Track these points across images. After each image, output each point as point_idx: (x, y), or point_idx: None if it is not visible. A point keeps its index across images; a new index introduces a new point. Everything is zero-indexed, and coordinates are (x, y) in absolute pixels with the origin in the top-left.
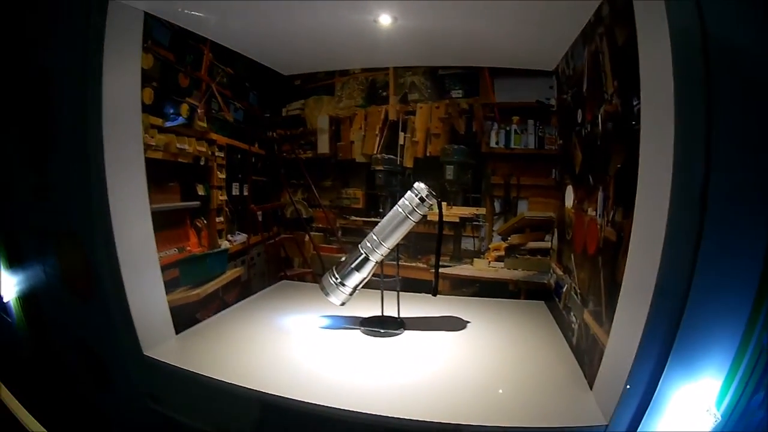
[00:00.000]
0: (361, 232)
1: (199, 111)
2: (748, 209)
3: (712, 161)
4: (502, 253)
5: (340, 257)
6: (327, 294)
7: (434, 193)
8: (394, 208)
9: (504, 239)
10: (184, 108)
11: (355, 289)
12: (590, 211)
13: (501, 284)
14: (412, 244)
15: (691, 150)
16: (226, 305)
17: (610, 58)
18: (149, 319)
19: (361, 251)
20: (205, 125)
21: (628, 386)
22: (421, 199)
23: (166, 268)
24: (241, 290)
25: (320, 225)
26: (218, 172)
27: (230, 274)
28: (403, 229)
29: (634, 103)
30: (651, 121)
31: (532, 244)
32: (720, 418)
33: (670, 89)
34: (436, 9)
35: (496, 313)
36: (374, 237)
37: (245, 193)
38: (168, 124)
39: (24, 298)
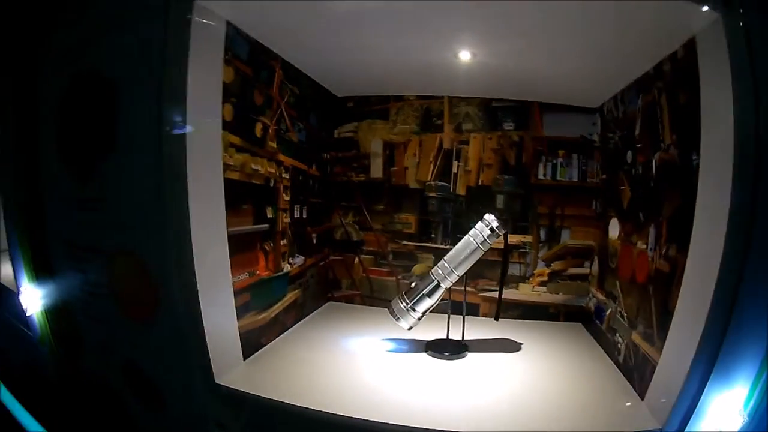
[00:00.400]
0: (412, 257)
1: (270, 130)
2: None
3: (757, 219)
4: (546, 278)
5: (389, 280)
6: (397, 318)
7: (503, 225)
8: (465, 237)
9: (547, 265)
10: (258, 127)
11: (423, 314)
12: (640, 244)
13: (542, 307)
14: None
15: (742, 202)
16: (285, 328)
17: (669, 113)
18: (221, 345)
19: (433, 278)
20: (275, 145)
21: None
22: (492, 230)
23: (238, 293)
24: (297, 313)
25: (371, 248)
26: (284, 194)
27: (289, 297)
28: (474, 257)
29: (693, 158)
30: (709, 178)
31: (572, 270)
32: (747, 418)
33: (729, 154)
34: (515, 48)
35: (542, 334)
36: (446, 265)
37: (304, 216)
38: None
39: (53, 313)
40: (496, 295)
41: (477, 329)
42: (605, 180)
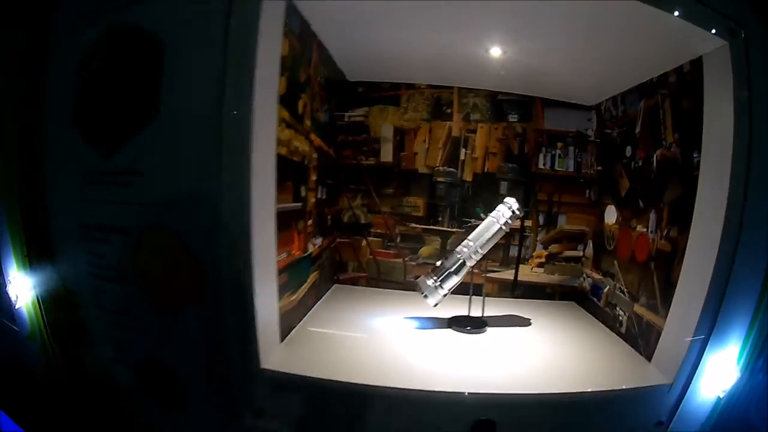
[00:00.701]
0: (419, 239)
1: (308, 109)
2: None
3: (747, 206)
4: (543, 260)
5: (397, 262)
6: (426, 296)
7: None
8: (488, 219)
9: (545, 248)
10: (300, 103)
11: (449, 290)
12: (639, 228)
13: (540, 287)
14: None
15: (737, 194)
16: (308, 310)
17: (672, 116)
18: (264, 330)
19: (459, 257)
20: (309, 124)
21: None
22: (513, 212)
23: (279, 273)
24: (315, 294)
25: (378, 231)
26: (312, 174)
27: (311, 279)
28: (497, 237)
29: (694, 156)
30: (709, 174)
31: (567, 253)
32: (739, 374)
33: (728, 154)
34: (538, 47)
35: (544, 311)
36: (471, 243)
37: (324, 197)
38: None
39: (49, 305)
40: (498, 276)
41: (486, 307)
42: (601, 171)
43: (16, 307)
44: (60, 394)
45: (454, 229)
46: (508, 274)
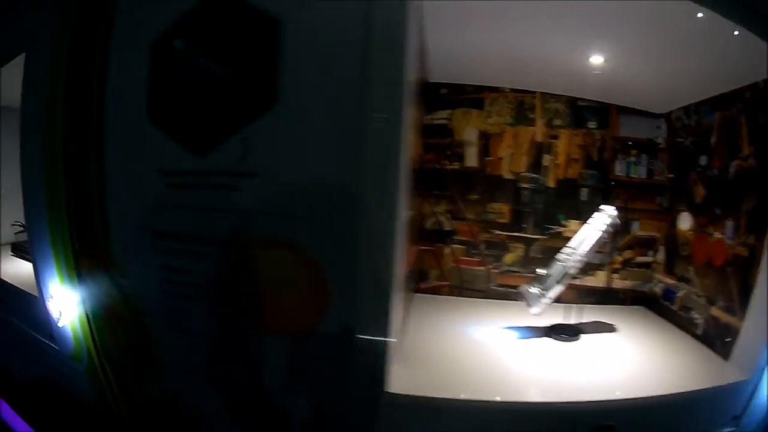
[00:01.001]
0: (503, 246)
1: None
2: None
3: None
4: (619, 266)
5: (480, 271)
6: (530, 305)
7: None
8: (587, 227)
9: (620, 254)
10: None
11: (552, 299)
12: (716, 234)
13: (613, 293)
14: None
15: None
16: (406, 323)
17: (749, 130)
18: (393, 351)
19: (563, 265)
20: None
21: None
22: (611, 219)
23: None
24: (408, 306)
25: (462, 238)
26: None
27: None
28: (597, 245)
29: None
30: None
31: (639, 258)
32: None
33: None
34: (627, 54)
35: (620, 316)
36: (574, 252)
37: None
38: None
39: (102, 323)
40: (577, 282)
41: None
42: (673, 179)
43: (59, 325)
44: (108, 419)
45: (538, 236)
46: (586, 281)
